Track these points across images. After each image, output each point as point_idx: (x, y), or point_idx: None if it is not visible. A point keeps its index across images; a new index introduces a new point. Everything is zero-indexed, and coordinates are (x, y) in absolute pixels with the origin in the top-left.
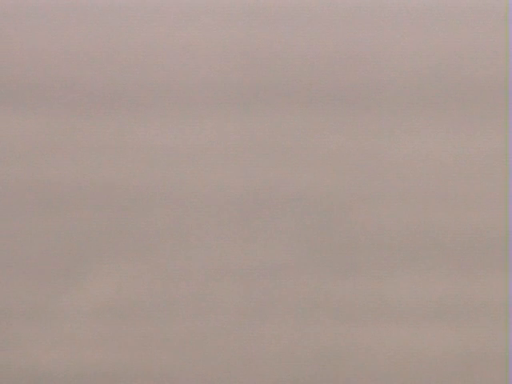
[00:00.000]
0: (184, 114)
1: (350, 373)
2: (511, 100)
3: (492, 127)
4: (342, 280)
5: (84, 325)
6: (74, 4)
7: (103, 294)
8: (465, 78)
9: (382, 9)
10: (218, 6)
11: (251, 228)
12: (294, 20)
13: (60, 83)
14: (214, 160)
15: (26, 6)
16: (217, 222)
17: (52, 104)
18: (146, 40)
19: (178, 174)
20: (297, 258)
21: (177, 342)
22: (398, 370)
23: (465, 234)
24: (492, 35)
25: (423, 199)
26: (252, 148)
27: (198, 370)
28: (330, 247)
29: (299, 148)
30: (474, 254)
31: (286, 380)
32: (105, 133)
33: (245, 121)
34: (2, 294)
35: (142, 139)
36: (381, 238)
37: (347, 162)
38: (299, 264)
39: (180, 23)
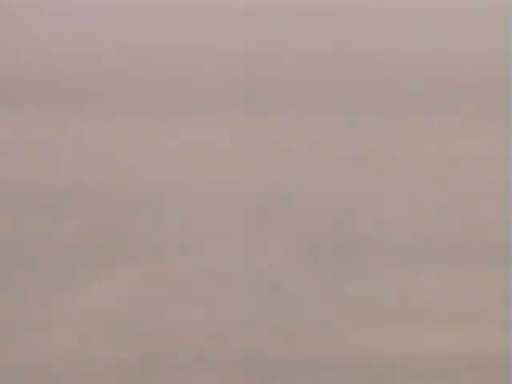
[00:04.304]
0: (185, 114)
1: (350, 372)
2: (511, 100)
3: (492, 127)
4: (342, 279)
5: (86, 325)
6: (74, 4)
7: (106, 295)
8: (465, 77)
9: (382, 9)
10: (218, 5)
11: (253, 227)
12: (294, 20)
13: (61, 83)
14: (214, 160)
15: (26, 6)
16: (219, 222)
17: (54, 104)
18: (147, 40)
19: (179, 175)
20: (298, 257)
21: (176, 339)
22: (399, 368)
23: (465, 233)
24: (492, 35)
25: (423, 199)
26: (253, 148)
27: (200, 368)
28: (331, 246)
29: (300, 148)
30: (474, 254)
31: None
32: (105, 133)
33: (245, 121)
34: (4, 296)
35: (142, 139)
36: (380, 236)
37: (348, 162)
38: (301, 263)
39: (180, 23)
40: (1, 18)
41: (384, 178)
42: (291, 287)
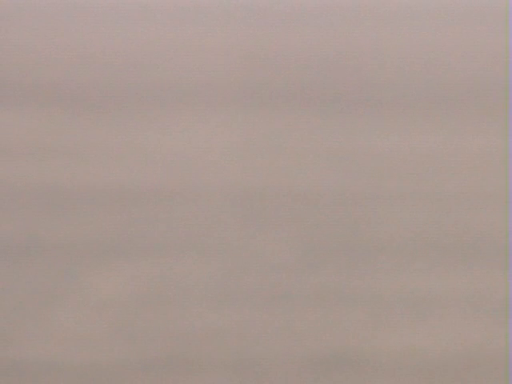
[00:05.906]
0: (185, 114)
1: (351, 372)
2: (511, 100)
3: (492, 127)
4: (342, 279)
5: (88, 320)
6: (73, 4)
7: (108, 292)
8: (465, 77)
9: (381, 9)
10: (218, 5)
11: (253, 227)
12: (294, 20)
13: (61, 84)
14: (215, 160)
15: (26, 6)
16: (219, 222)
17: (53, 104)
18: (147, 40)
19: (179, 175)
20: (299, 257)
21: (177, 338)
22: (399, 368)
23: (465, 233)
24: (492, 35)
25: (423, 198)
26: (254, 147)
27: (200, 363)
28: (331, 246)
29: (300, 147)
30: (474, 254)
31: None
32: (106, 133)
33: (246, 121)
34: (4, 295)
35: (142, 139)
36: (381, 236)
37: (347, 162)
38: (301, 263)
39: (180, 23)
40: (1, 17)
41: (384, 177)
42: (291, 287)
